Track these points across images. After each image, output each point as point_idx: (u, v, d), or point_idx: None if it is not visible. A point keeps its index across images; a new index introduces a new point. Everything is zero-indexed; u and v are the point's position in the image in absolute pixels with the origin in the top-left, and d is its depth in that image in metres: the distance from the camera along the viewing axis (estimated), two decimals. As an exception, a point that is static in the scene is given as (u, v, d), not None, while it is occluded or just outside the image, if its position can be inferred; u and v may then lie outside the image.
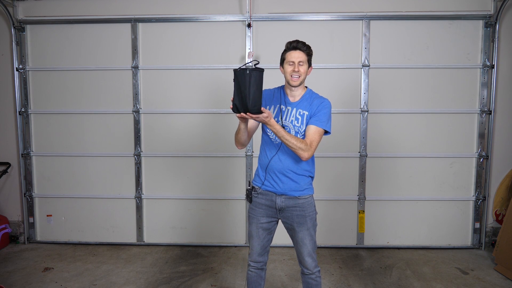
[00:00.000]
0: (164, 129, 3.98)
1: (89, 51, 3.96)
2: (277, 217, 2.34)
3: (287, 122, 2.25)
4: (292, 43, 2.25)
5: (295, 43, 2.24)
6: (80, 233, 4.11)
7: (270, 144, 2.30)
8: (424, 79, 3.84)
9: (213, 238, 4.04)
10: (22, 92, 4.00)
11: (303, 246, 2.29)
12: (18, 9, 3.92)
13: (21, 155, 4.03)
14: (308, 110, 2.26)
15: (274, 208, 2.30)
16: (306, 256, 2.30)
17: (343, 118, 3.89)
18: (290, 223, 2.31)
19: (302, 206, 2.27)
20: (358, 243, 3.98)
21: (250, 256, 2.40)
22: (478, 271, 3.43)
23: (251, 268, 2.40)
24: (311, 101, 2.29)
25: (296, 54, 2.23)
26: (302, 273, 2.38)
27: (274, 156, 2.26)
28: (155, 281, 3.25)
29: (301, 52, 2.23)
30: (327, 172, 3.92)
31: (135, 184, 4.03)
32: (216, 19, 3.85)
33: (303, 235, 2.28)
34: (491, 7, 3.74)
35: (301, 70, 2.23)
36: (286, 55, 2.28)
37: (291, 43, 2.26)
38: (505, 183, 3.92)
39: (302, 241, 2.29)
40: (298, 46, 2.23)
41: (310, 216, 2.29)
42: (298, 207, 2.26)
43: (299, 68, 2.22)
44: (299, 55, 2.22)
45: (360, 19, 3.80)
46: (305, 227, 2.27)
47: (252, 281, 2.42)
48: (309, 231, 2.29)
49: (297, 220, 2.27)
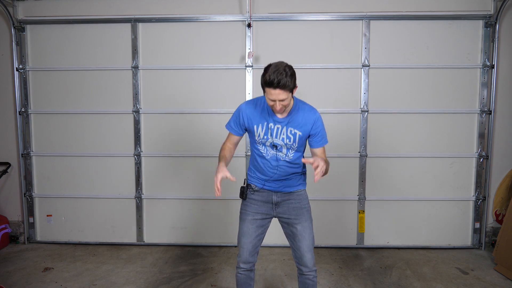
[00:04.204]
0: (164, 129, 3.98)
1: (89, 51, 3.96)
2: (272, 214, 2.32)
3: (278, 140, 2.20)
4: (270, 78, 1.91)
5: (275, 80, 1.90)
6: (80, 233, 4.11)
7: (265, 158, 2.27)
8: (424, 79, 3.84)
9: (213, 238, 4.04)
10: (22, 92, 4.00)
11: (302, 240, 2.24)
12: (18, 9, 3.92)
13: (21, 155, 4.03)
14: (302, 130, 2.19)
15: (270, 203, 2.30)
16: (306, 252, 2.24)
17: (343, 118, 3.89)
18: (287, 217, 2.29)
19: (297, 199, 2.30)
20: (358, 243, 3.98)
21: (239, 256, 2.32)
22: (478, 271, 3.43)
23: (241, 271, 2.34)
24: (303, 117, 2.19)
25: (276, 92, 1.95)
26: (300, 273, 2.31)
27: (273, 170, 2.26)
28: (155, 281, 3.25)
29: (281, 90, 1.94)
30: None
31: (135, 184, 4.03)
32: (216, 19, 3.85)
33: (302, 227, 2.25)
34: (491, 7, 3.74)
35: (284, 104, 2.03)
36: (265, 89, 1.99)
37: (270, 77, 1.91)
38: (505, 183, 3.92)
39: (301, 234, 2.25)
40: (279, 85, 1.92)
41: (306, 208, 2.32)
42: (293, 199, 2.30)
43: (281, 104, 2.01)
44: (279, 94, 1.95)
45: (360, 19, 3.80)
46: (303, 219, 2.27)
47: (241, 283, 2.36)
48: (307, 223, 2.28)
49: (295, 213, 2.28)
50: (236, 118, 2.30)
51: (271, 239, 3.90)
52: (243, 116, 2.25)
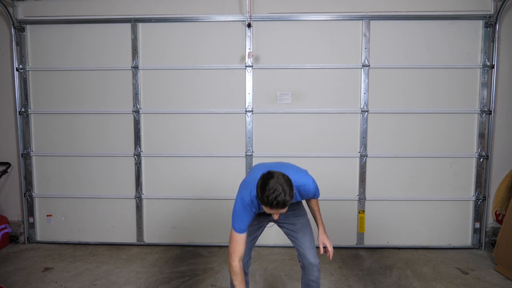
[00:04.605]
0: (164, 129, 3.98)
1: (88, 51, 3.96)
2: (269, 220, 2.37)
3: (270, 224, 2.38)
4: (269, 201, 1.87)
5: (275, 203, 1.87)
6: (80, 233, 4.11)
7: None
8: (424, 79, 3.84)
9: (213, 238, 4.04)
10: (22, 92, 4.00)
11: (305, 236, 2.29)
12: (18, 9, 3.92)
13: (21, 155, 4.03)
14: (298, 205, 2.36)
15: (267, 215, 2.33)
16: (309, 249, 2.29)
17: (343, 118, 3.89)
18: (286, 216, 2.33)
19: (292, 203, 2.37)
20: (358, 243, 3.98)
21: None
22: (478, 271, 3.43)
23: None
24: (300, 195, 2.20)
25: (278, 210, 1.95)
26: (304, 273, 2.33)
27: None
28: (155, 281, 3.25)
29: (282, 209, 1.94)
30: (327, 172, 3.92)
31: (135, 184, 4.03)
32: (216, 19, 3.85)
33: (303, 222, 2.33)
34: (491, 7, 3.74)
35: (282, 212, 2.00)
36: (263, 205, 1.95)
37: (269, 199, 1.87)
38: (505, 183, 3.92)
39: (302, 230, 2.31)
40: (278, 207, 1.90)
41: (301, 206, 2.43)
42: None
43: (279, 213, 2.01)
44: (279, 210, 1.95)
45: (360, 19, 3.80)
46: (303, 213, 2.39)
47: None
48: (306, 218, 2.38)
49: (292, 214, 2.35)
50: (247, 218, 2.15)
51: (271, 239, 3.91)
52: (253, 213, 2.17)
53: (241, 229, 2.15)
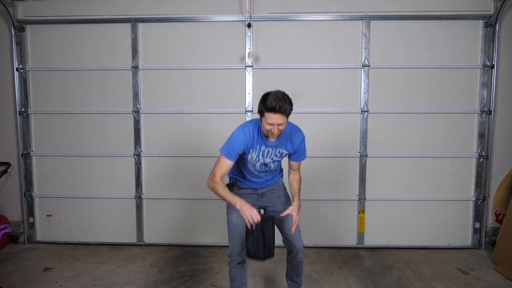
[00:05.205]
0: (164, 129, 3.98)
1: (88, 51, 3.96)
2: (258, 203, 2.49)
3: (268, 159, 2.41)
4: (272, 104, 2.12)
5: (277, 106, 2.11)
6: (80, 233, 4.11)
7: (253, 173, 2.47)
8: (424, 79, 3.84)
9: (213, 238, 4.04)
10: (22, 92, 4.00)
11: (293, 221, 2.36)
12: (18, 9, 3.92)
13: (21, 155, 4.03)
14: (288, 149, 2.42)
15: (255, 194, 2.52)
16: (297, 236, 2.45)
17: (343, 118, 3.89)
18: (272, 204, 2.50)
19: (279, 188, 2.59)
20: (358, 243, 3.98)
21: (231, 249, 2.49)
22: (478, 271, 3.43)
23: (234, 264, 2.49)
24: (290, 138, 2.39)
25: (277, 116, 2.14)
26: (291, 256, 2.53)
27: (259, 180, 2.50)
28: (155, 281, 3.25)
29: (281, 115, 2.14)
30: (327, 172, 3.92)
31: (135, 184, 4.03)
32: (216, 19, 3.85)
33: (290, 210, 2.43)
34: (491, 7, 3.74)
35: (280, 129, 2.21)
36: (265, 114, 2.17)
37: (272, 104, 2.12)
38: (505, 183, 3.93)
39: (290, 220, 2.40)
40: (280, 110, 2.12)
41: (288, 196, 2.60)
42: (276, 189, 2.57)
43: (278, 128, 2.19)
44: (279, 118, 2.15)
45: (360, 19, 3.80)
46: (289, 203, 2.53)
47: (236, 278, 2.51)
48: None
49: (279, 201, 2.53)
50: (239, 145, 2.30)
51: (271, 239, 3.90)
52: (247, 143, 2.31)
53: (229, 155, 2.30)
